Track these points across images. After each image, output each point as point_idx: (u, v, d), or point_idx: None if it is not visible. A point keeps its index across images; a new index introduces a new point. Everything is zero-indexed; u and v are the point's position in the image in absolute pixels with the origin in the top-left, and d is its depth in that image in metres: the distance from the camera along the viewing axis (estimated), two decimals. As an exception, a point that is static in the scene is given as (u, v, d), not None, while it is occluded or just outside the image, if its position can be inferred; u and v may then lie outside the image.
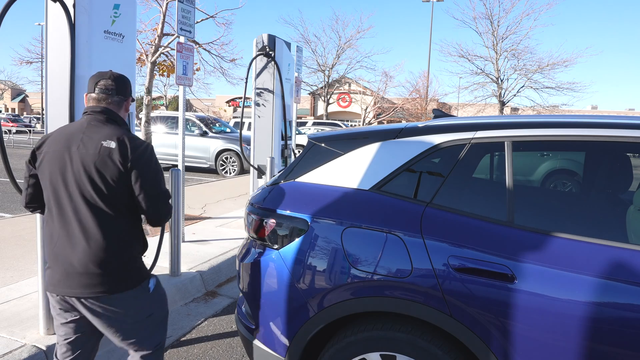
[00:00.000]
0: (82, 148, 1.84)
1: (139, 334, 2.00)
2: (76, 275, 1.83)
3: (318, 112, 39.70)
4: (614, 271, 1.57)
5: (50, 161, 1.86)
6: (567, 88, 25.19)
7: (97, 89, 1.96)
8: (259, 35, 6.08)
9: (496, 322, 1.67)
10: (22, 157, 15.57)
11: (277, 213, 2.12)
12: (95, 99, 1.96)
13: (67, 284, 1.84)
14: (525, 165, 3.17)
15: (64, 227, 1.85)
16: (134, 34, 3.47)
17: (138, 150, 1.88)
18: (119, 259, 1.89)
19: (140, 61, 8.04)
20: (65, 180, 1.84)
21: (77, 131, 1.89)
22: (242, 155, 7.25)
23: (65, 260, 1.84)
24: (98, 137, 1.85)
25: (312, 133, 2.56)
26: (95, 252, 1.83)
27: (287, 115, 6.34)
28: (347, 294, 1.92)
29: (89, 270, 1.82)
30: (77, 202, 1.83)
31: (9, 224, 5.85)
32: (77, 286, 1.83)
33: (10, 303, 3.31)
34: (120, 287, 1.89)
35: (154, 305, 2.04)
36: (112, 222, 1.87)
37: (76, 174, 1.83)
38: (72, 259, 1.83)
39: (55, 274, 1.86)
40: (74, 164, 1.83)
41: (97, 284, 1.84)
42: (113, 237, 1.87)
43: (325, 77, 31.79)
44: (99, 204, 1.84)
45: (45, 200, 1.91)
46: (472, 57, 26.21)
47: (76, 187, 1.83)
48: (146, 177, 1.88)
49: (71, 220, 1.84)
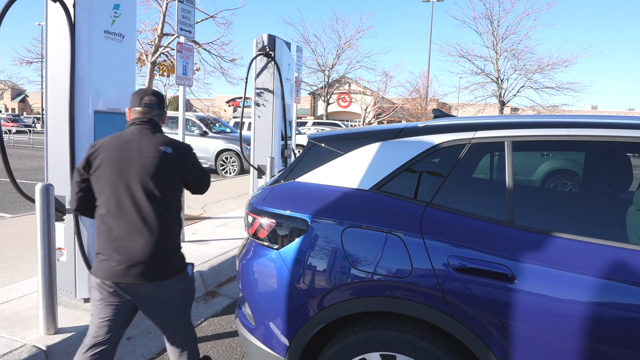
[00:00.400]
0: (142, 153, 2.14)
1: (181, 313, 2.27)
2: (137, 265, 2.07)
3: (318, 112, 39.71)
4: (614, 271, 1.57)
5: (111, 166, 2.13)
6: (567, 88, 25.22)
7: (142, 104, 2.29)
8: (259, 35, 6.08)
9: (496, 322, 1.67)
10: (22, 157, 15.59)
11: (277, 213, 2.12)
12: (142, 112, 2.28)
13: (127, 273, 2.07)
14: (525, 165, 3.17)
15: (124, 222, 2.10)
16: (134, 34, 3.47)
17: (188, 153, 2.28)
18: (172, 248, 2.19)
19: (140, 61, 8.03)
20: (127, 181, 2.11)
21: (132, 140, 2.19)
22: (242, 155, 7.25)
23: (127, 252, 2.07)
24: (153, 144, 2.17)
25: (312, 133, 2.56)
26: (156, 243, 2.10)
27: (287, 115, 6.34)
28: (347, 294, 1.92)
29: (150, 260, 2.08)
30: (140, 200, 2.10)
31: (9, 224, 5.85)
32: (137, 274, 2.07)
33: (10, 303, 3.31)
34: (172, 273, 2.16)
35: (192, 287, 2.32)
36: (167, 217, 2.17)
37: (139, 176, 2.11)
38: (134, 250, 2.07)
39: (113, 264, 2.08)
40: (136, 167, 2.12)
41: (155, 271, 2.10)
42: (169, 229, 2.17)
43: (325, 77, 31.81)
44: (158, 201, 2.13)
45: (102, 201, 2.14)
46: (472, 57, 26.24)
47: (140, 187, 2.10)
48: (195, 172, 2.30)
49: (132, 216, 2.10)
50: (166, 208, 2.17)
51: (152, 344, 3.17)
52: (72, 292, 3.29)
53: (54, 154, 3.22)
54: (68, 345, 2.81)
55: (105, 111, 3.25)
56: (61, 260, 3.25)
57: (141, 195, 2.10)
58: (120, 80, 3.34)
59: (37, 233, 2.74)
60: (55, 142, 3.20)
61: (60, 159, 3.18)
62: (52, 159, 3.23)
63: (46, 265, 2.76)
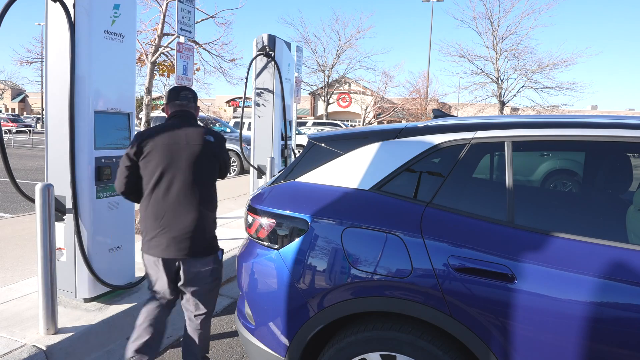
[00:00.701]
0: (190, 141, 2.43)
1: (212, 295, 2.56)
2: (183, 242, 2.36)
3: (318, 112, 39.70)
4: (613, 271, 1.57)
5: (161, 152, 2.37)
6: (567, 88, 25.18)
7: (181, 97, 2.59)
8: (259, 35, 6.08)
9: (496, 322, 1.67)
10: (22, 157, 15.58)
11: (277, 213, 2.12)
12: (182, 105, 2.58)
13: (175, 248, 2.36)
14: (525, 165, 3.17)
15: (173, 203, 2.37)
16: (134, 34, 3.47)
17: (224, 141, 2.62)
18: (213, 228, 2.50)
19: (140, 61, 8.03)
20: (178, 166, 2.38)
21: (178, 129, 2.45)
22: (242, 155, 7.25)
23: (175, 229, 2.36)
24: (199, 133, 2.47)
25: (312, 133, 2.56)
26: (202, 221, 2.40)
27: (287, 115, 6.34)
28: (347, 294, 1.92)
29: (195, 236, 2.38)
30: (188, 184, 2.38)
31: (9, 224, 5.85)
32: (184, 249, 2.37)
33: (10, 303, 3.31)
34: (211, 251, 2.48)
35: (221, 271, 2.58)
36: (209, 199, 2.48)
37: (187, 162, 2.39)
38: (183, 227, 2.36)
39: (163, 241, 2.36)
40: (185, 154, 2.39)
41: (199, 247, 2.41)
42: (211, 209, 2.49)
43: (325, 77, 31.79)
44: (203, 185, 2.44)
45: (151, 184, 2.39)
46: (472, 57, 26.20)
47: (189, 172, 2.39)
48: (227, 158, 2.66)
49: (181, 198, 2.37)
50: (209, 191, 2.47)
51: (152, 344, 3.17)
52: (72, 292, 3.29)
53: (54, 154, 3.22)
54: (68, 345, 2.80)
55: (105, 111, 3.24)
56: (61, 260, 3.25)
57: (190, 179, 2.39)
58: (120, 80, 3.34)
59: (37, 233, 2.74)
60: (55, 142, 3.20)
61: (60, 159, 3.18)
62: (52, 159, 3.23)
63: (46, 265, 2.75)
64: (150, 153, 2.37)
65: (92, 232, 3.22)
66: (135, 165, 2.41)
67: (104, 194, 3.28)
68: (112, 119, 3.30)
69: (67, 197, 3.15)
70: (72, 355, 2.81)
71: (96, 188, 3.22)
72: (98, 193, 3.23)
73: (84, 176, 3.15)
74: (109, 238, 3.37)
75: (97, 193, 3.23)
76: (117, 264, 3.46)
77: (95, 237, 3.25)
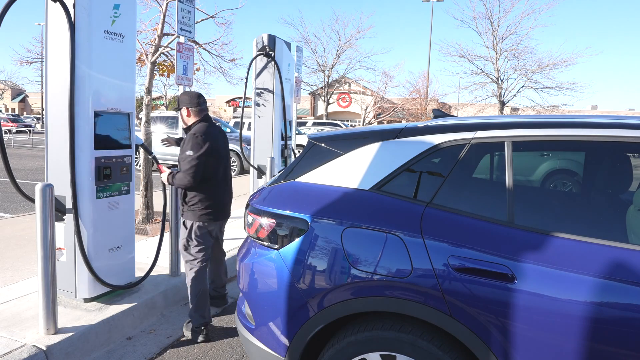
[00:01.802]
0: (225, 141, 3.45)
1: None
2: (227, 211, 3.49)
3: (318, 112, 39.70)
4: (613, 271, 1.57)
5: (218, 150, 3.29)
6: (567, 88, 25.15)
7: (202, 102, 3.34)
8: (259, 35, 6.08)
9: (496, 322, 1.67)
10: (22, 157, 15.58)
11: (277, 213, 2.12)
12: (205, 109, 3.36)
13: (223, 215, 3.45)
14: (525, 165, 3.17)
15: (223, 185, 3.40)
16: (134, 34, 3.47)
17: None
18: None
19: (140, 61, 8.02)
20: (224, 161, 3.39)
21: (217, 131, 3.34)
22: (242, 155, 7.24)
23: (224, 202, 3.44)
24: (223, 134, 3.45)
25: (312, 133, 2.56)
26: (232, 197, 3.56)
27: (287, 115, 6.34)
28: (347, 294, 1.92)
29: (229, 207, 3.52)
30: (228, 173, 3.49)
31: (9, 224, 5.85)
32: (225, 215, 3.50)
33: (10, 303, 3.31)
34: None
35: None
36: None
37: (226, 157, 3.44)
38: (226, 201, 3.47)
39: (219, 211, 3.37)
40: (225, 151, 3.42)
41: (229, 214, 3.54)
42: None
43: (325, 77, 31.78)
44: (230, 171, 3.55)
45: (213, 174, 3.26)
46: (472, 57, 26.17)
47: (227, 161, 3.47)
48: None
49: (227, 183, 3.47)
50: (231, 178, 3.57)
51: (152, 344, 3.17)
52: (72, 292, 3.29)
53: (54, 154, 3.22)
54: (68, 345, 2.80)
55: (105, 111, 3.24)
56: (61, 260, 3.25)
57: (228, 170, 3.49)
58: (120, 80, 3.34)
59: (37, 233, 2.74)
60: (55, 142, 3.20)
61: (60, 159, 3.18)
62: (52, 159, 3.23)
63: (46, 265, 2.75)
64: (213, 151, 3.20)
65: (92, 232, 3.22)
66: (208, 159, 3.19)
67: (104, 193, 3.28)
68: (112, 119, 3.30)
69: (67, 197, 3.15)
70: (72, 355, 2.81)
71: (96, 188, 3.22)
72: (98, 193, 3.24)
73: (84, 176, 3.15)
74: (109, 238, 3.37)
75: (97, 193, 3.23)
76: (117, 264, 3.46)
77: (95, 237, 3.25)
